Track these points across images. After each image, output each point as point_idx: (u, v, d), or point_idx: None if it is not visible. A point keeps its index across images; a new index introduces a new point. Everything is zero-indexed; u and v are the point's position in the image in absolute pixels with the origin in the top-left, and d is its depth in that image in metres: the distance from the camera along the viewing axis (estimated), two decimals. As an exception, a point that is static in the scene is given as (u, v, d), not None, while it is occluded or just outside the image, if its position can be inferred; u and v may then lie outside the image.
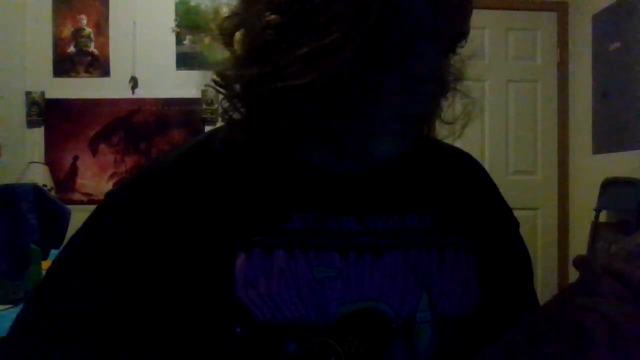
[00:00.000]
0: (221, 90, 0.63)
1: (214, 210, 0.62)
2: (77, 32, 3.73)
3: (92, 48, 3.74)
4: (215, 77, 0.63)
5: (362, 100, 0.57)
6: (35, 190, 2.29)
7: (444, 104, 0.65)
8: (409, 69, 0.57)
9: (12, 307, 1.94)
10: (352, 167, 0.65)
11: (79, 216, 1.84)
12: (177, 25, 3.71)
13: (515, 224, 0.74)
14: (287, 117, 0.61)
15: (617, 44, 3.28)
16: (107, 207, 0.66)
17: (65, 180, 3.70)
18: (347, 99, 0.58)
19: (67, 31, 3.73)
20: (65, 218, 2.36)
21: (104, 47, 3.74)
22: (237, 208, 0.62)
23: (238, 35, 0.62)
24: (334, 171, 0.65)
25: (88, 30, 3.74)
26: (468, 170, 0.74)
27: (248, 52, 0.60)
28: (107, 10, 3.74)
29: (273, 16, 0.57)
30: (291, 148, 0.65)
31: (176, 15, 3.72)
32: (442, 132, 0.69)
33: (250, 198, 0.63)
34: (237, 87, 0.62)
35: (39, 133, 3.69)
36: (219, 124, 0.70)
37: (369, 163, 0.66)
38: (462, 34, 0.61)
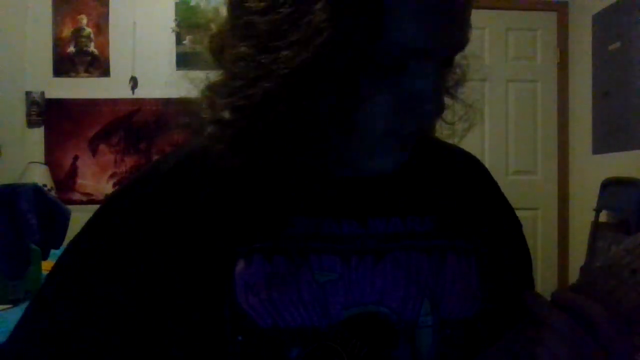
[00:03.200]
0: (210, 107, 0.61)
1: (214, 217, 0.62)
2: (77, 32, 3.73)
3: (92, 48, 3.74)
4: (206, 91, 0.62)
5: (354, 120, 0.56)
6: (35, 190, 2.29)
7: (447, 105, 0.65)
8: (401, 87, 0.55)
9: (12, 307, 1.94)
10: (351, 172, 0.65)
11: (79, 216, 1.84)
12: (177, 25, 3.70)
13: (517, 224, 0.74)
14: (278, 136, 0.59)
15: (617, 44, 3.28)
16: (105, 213, 0.65)
17: (65, 180, 3.70)
18: (338, 118, 0.56)
19: (67, 31, 3.72)
20: (65, 218, 2.36)
21: (104, 47, 3.74)
22: (236, 214, 0.62)
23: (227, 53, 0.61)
24: (334, 174, 0.64)
25: (88, 30, 3.74)
26: (471, 172, 0.74)
27: (229, 77, 0.59)
28: (107, 10, 3.74)
29: (243, 48, 0.56)
30: (289, 152, 0.64)
31: (176, 15, 3.72)
32: (443, 133, 0.69)
33: (249, 204, 0.62)
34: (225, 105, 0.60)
35: (39, 133, 3.69)
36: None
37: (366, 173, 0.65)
38: (459, 47, 0.59)
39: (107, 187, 3.67)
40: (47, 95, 3.68)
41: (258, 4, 0.55)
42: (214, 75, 0.62)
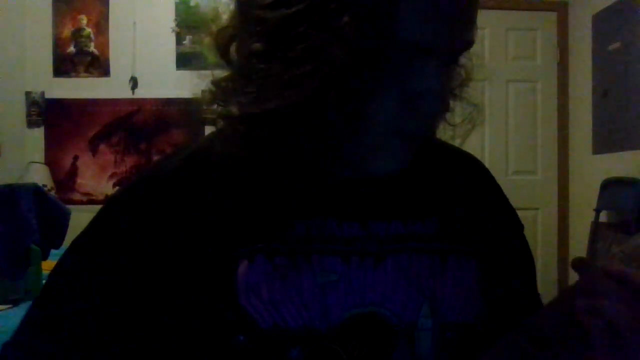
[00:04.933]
0: (218, 102, 0.62)
1: (216, 218, 0.62)
2: (77, 32, 3.73)
3: (92, 48, 3.74)
4: (212, 87, 0.62)
5: (358, 118, 0.57)
6: (35, 190, 2.29)
7: (450, 107, 0.65)
8: (407, 86, 0.56)
9: (12, 307, 1.95)
10: (353, 173, 0.65)
11: (79, 216, 1.84)
12: (177, 25, 3.71)
13: (519, 226, 0.74)
14: (283, 133, 0.60)
15: (617, 44, 3.28)
16: (108, 213, 0.65)
17: (65, 180, 3.70)
18: (341, 117, 0.57)
19: (67, 31, 3.73)
20: (65, 218, 2.36)
21: (104, 47, 3.74)
22: (238, 215, 0.62)
23: (233, 46, 0.61)
24: (336, 176, 0.64)
25: (88, 30, 3.74)
26: (472, 174, 0.74)
27: (239, 74, 0.59)
28: (107, 10, 3.74)
29: (257, 45, 0.56)
30: (292, 154, 0.64)
31: (176, 15, 3.72)
32: (445, 135, 0.69)
33: (251, 204, 0.62)
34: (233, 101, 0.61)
35: (39, 133, 3.70)
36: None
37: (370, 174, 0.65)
38: (465, 46, 0.59)
39: (107, 187, 3.67)
40: (47, 95, 3.69)
41: None
42: (219, 71, 0.62)
